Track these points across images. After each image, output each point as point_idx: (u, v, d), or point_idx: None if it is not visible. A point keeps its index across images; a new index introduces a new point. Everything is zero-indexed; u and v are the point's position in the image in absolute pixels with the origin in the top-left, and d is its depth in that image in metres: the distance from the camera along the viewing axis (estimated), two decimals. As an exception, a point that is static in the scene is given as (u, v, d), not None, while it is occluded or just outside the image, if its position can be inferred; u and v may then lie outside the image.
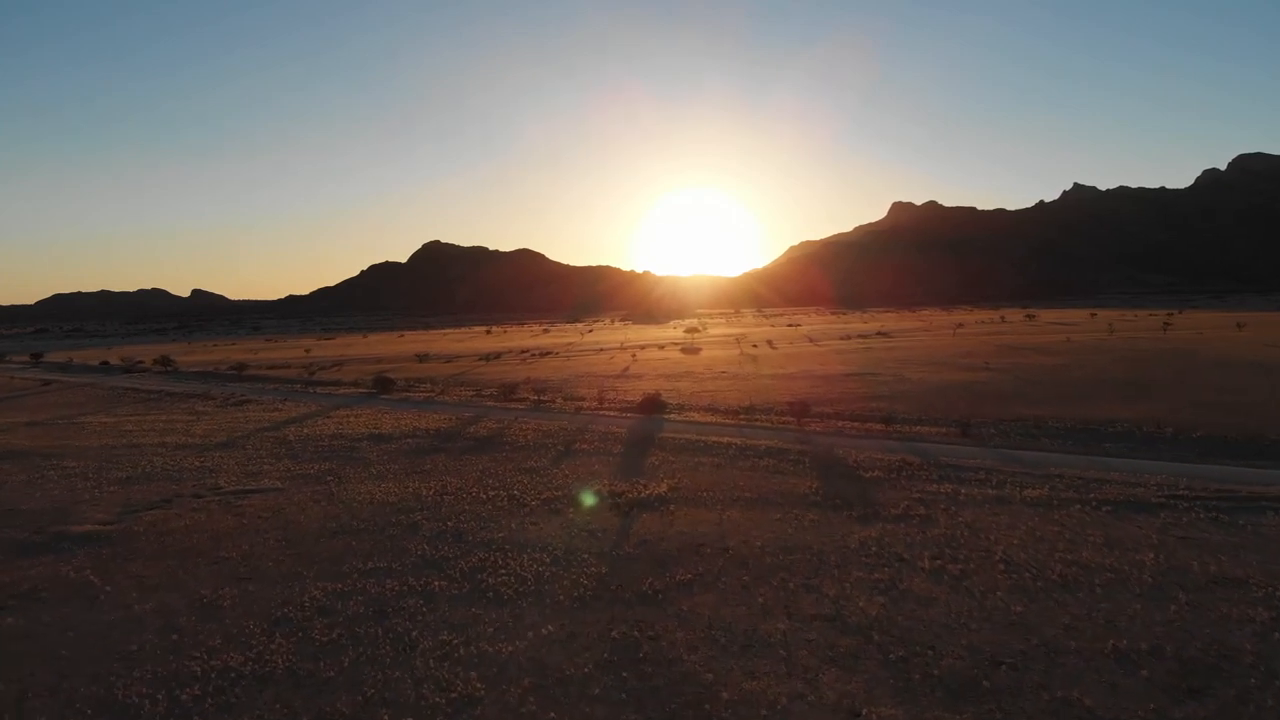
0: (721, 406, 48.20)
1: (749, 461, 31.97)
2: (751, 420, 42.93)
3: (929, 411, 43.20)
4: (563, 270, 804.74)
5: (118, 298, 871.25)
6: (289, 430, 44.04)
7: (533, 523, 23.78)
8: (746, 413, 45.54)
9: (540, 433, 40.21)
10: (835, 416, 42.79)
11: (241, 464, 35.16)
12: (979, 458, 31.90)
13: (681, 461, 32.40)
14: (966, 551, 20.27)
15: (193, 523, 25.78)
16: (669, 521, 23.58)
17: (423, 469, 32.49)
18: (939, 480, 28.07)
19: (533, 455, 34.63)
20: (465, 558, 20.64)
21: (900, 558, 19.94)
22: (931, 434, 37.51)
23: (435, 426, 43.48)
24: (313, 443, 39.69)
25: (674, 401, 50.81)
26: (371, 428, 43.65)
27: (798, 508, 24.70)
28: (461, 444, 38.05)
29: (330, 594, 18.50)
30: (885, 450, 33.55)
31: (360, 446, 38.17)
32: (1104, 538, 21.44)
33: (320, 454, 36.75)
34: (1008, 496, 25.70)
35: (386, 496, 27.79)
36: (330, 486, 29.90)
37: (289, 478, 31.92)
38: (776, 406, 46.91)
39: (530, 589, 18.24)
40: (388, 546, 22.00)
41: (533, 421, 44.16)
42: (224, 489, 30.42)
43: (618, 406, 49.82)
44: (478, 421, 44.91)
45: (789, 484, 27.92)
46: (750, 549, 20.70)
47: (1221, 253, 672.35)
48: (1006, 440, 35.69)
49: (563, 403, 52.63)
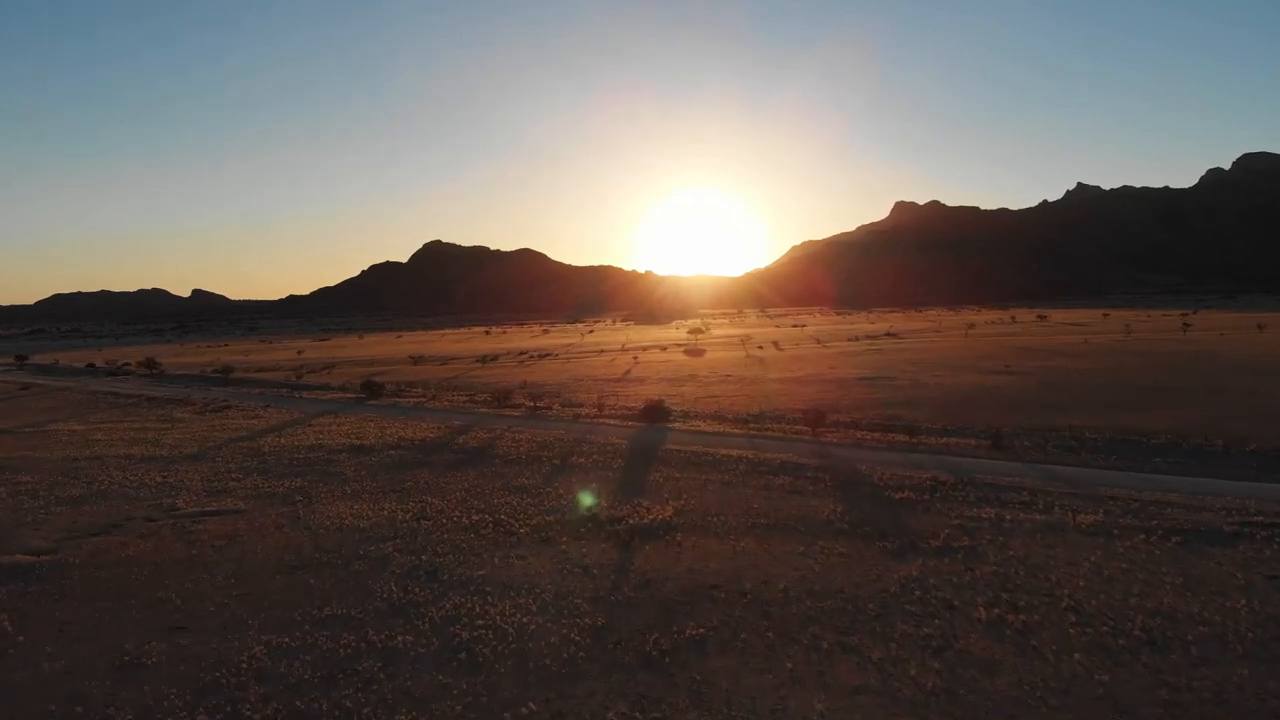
0: (729, 414, 45.16)
1: (762, 479, 28.93)
2: (762, 430, 39.88)
3: (953, 420, 40.16)
4: (564, 270, 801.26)
5: (118, 298, 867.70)
6: (265, 440, 41.05)
7: (519, 556, 20.75)
8: (756, 421, 42.50)
9: (534, 444, 37.19)
10: (853, 426, 39.73)
11: (207, 479, 32.18)
12: (1017, 475, 28.84)
13: (688, 479, 29.36)
14: (1027, 597, 17.24)
15: (138, 552, 22.81)
16: (676, 554, 20.55)
17: (402, 486, 29.47)
18: (978, 503, 25.02)
19: (524, 471, 31.61)
20: (438, 603, 17.63)
21: (950, 604, 16.91)
22: (960, 446, 34.45)
23: (421, 436, 40.46)
24: (287, 455, 36.70)
25: (678, 408, 47.80)
26: (353, 438, 40.65)
27: (822, 537, 21.65)
28: (448, 457, 35.03)
29: (275, 651, 15.51)
30: (912, 466, 30.50)
31: (338, 459, 35.17)
32: (1182, 578, 18.40)
33: (294, 468, 33.76)
34: (1059, 523, 22.64)
35: (358, 521, 24.78)
36: (298, 508, 26.90)
37: (255, 496, 28.93)
38: (788, 414, 43.86)
39: (511, 648, 15.22)
40: (351, 586, 19.01)
41: (527, 431, 41.14)
42: (181, 510, 27.45)
43: (618, 414, 46.80)
44: (467, 431, 41.89)
45: (809, 507, 24.87)
46: (772, 593, 17.67)
47: (1225, 253, 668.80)
48: (1044, 454, 32.62)
49: (560, 409, 49.61)
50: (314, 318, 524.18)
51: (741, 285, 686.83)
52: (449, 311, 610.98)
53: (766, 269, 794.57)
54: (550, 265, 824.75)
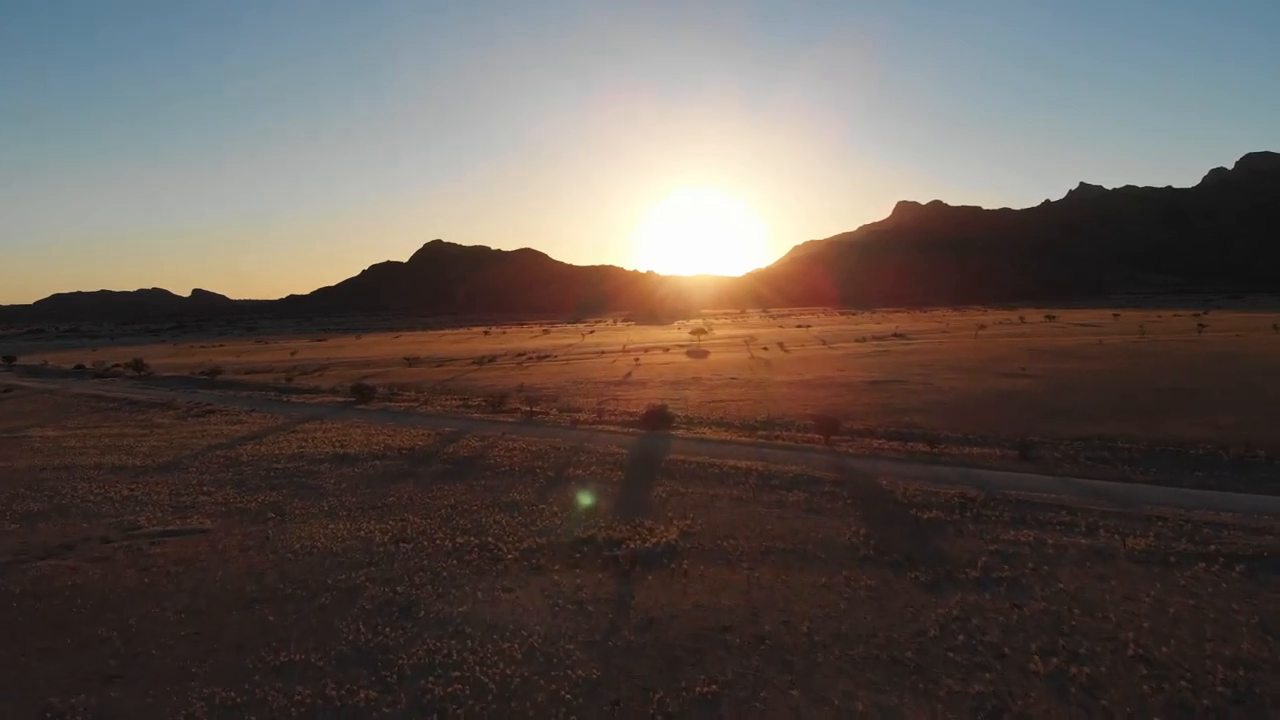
0: (735, 420, 42.87)
1: (775, 494, 26.66)
2: (771, 438, 37.59)
3: (973, 427, 37.87)
4: (565, 270, 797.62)
5: (118, 298, 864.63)
6: (244, 449, 38.82)
7: (506, 589, 18.50)
8: (765, 428, 40.21)
9: (528, 454, 34.92)
10: (868, 434, 37.45)
11: (176, 493, 29.96)
12: (1052, 491, 26.56)
13: (694, 494, 27.10)
14: (1087, 642, 14.99)
15: (87, 579, 20.61)
16: (682, 587, 18.30)
17: (383, 502, 27.23)
18: (1015, 524, 22.74)
19: (517, 484, 29.35)
20: (410, 648, 15.39)
21: (1000, 652, 14.66)
22: (985, 457, 32.15)
23: (409, 445, 38.21)
24: (266, 465, 34.46)
25: (681, 414, 45.51)
26: (337, 446, 38.41)
27: (847, 566, 19.39)
28: (436, 468, 32.78)
29: (218, 709, 13.31)
30: (936, 480, 28.22)
31: (319, 471, 32.92)
32: (1257, 616, 16.17)
33: (270, 480, 31.53)
34: (1108, 549, 20.37)
35: (332, 543, 22.54)
36: (268, 527, 24.67)
37: (224, 513, 26.69)
38: (798, 421, 41.57)
39: (490, 709, 12.98)
40: (314, 625, 16.78)
41: (521, 439, 38.88)
42: (142, 529, 25.23)
43: (619, 420, 44.52)
44: (459, 439, 39.64)
45: (829, 528, 22.60)
46: (794, 636, 15.41)
47: (1227, 253, 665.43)
48: (1076, 466, 30.33)
49: (557, 415, 47.33)
50: (313, 318, 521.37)
51: (743, 285, 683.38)
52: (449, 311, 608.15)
53: (768, 269, 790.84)
54: (551, 265, 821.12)
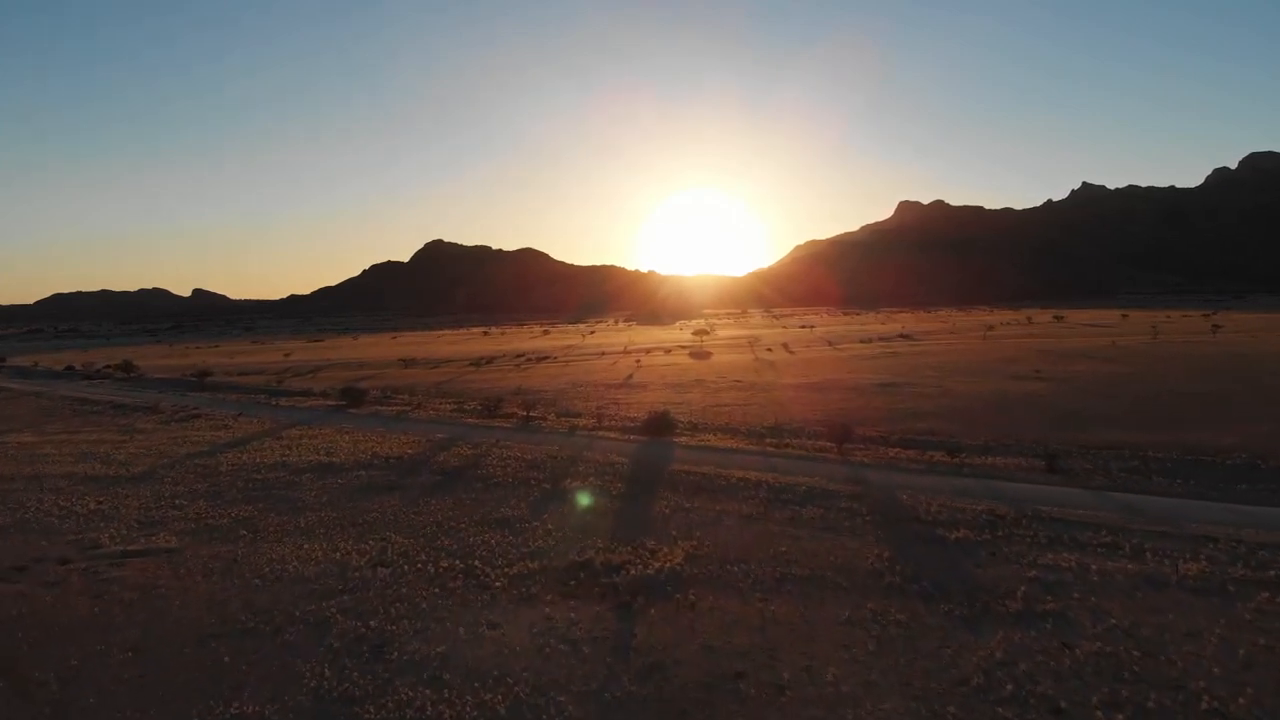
0: (742, 426, 40.93)
1: (788, 510, 24.70)
2: (781, 446, 35.63)
3: (993, 434, 35.90)
4: (567, 270, 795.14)
5: (118, 297, 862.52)
6: (225, 457, 36.90)
7: (492, 624, 16.56)
8: (773, 435, 38.26)
9: (523, 463, 32.98)
10: (882, 441, 35.48)
11: (146, 506, 28.04)
12: (1086, 506, 24.59)
13: (699, 510, 25.15)
14: (1154, 694, 13.03)
15: (35, 608, 18.72)
16: (689, 623, 16.35)
17: (365, 518, 25.29)
18: (1052, 545, 20.78)
19: (509, 497, 27.42)
20: (379, 698, 13.46)
21: (1055, 705, 12.72)
22: (1009, 467, 30.17)
23: (398, 453, 36.28)
24: (245, 475, 32.54)
25: (684, 419, 43.58)
26: (322, 454, 36.48)
27: (872, 596, 17.44)
28: (424, 478, 30.84)
29: (148, 778, 11.37)
30: (960, 493, 26.26)
31: (300, 482, 30.99)
32: (1343, 659, 14.20)
33: (248, 492, 29.61)
34: (1159, 576, 18.41)
35: (304, 567, 20.62)
36: (238, 547, 22.75)
37: (193, 530, 24.77)
38: (808, 427, 39.63)
39: (465, 784, 11.03)
40: (274, 667, 14.85)
41: (516, 446, 36.96)
42: (103, 549, 23.32)
43: (619, 426, 42.58)
44: (450, 446, 37.70)
45: (849, 550, 20.64)
46: (818, 687, 13.46)
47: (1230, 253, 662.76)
48: (1108, 477, 28.35)
49: (555, 420, 45.40)
50: (313, 318, 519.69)
51: (744, 285, 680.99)
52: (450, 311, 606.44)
53: (769, 269, 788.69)
54: (553, 265, 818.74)
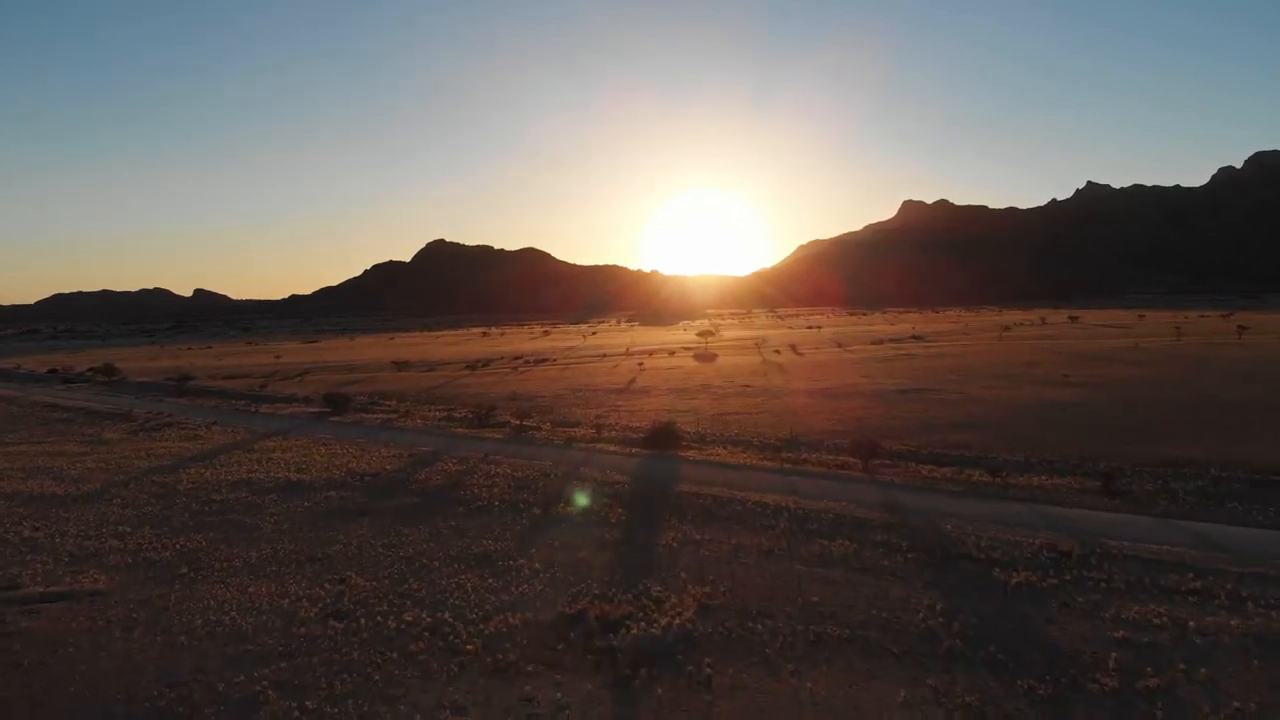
0: (754, 438, 37.50)
1: (814, 544, 21.30)
2: (798, 462, 32.18)
3: (1034, 449, 32.44)
4: (569, 270, 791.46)
5: (119, 297, 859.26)
6: (188, 473, 33.54)
7: (456, 705, 13.17)
8: (789, 448, 34.83)
9: (513, 482, 29.60)
10: (911, 457, 32.04)
11: (84, 535, 24.69)
12: (1159, 539, 21.15)
13: (712, 543, 21.75)
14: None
15: (-93, 672, 15.35)
16: (706, 711, 12.93)
17: (326, 551, 21.93)
18: (1133, 593, 17.36)
19: (494, 525, 24.04)
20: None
21: None
22: (1060, 489, 26.73)
23: (375, 469, 32.90)
24: (204, 495, 29.20)
25: (691, 428, 40.20)
26: (293, 470, 33.11)
27: (931, 668, 14.03)
28: (400, 501, 27.47)
29: None
30: (1010, 522, 22.84)
31: (262, 504, 27.63)
32: None
33: (202, 516, 26.26)
34: (1271, 635, 15.05)
35: (243, 618, 17.25)
36: (174, 590, 19.39)
37: (129, 567, 21.42)
38: (826, 439, 36.21)
39: None
40: (171, 773, 11.48)
41: (507, 461, 33.59)
42: (20, 590, 19.99)
43: (620, 437, 39.18)
44: (434, 461, 34.30)
45: (894, 600, 17.24)
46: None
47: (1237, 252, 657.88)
48: (1174, 503, 24.89)
49: (551, 430, 42.01)
50: (314, 318, 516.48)
51: (747, 285, 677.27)
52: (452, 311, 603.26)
53: (773, 268, 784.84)
54: (555, 265, 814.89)
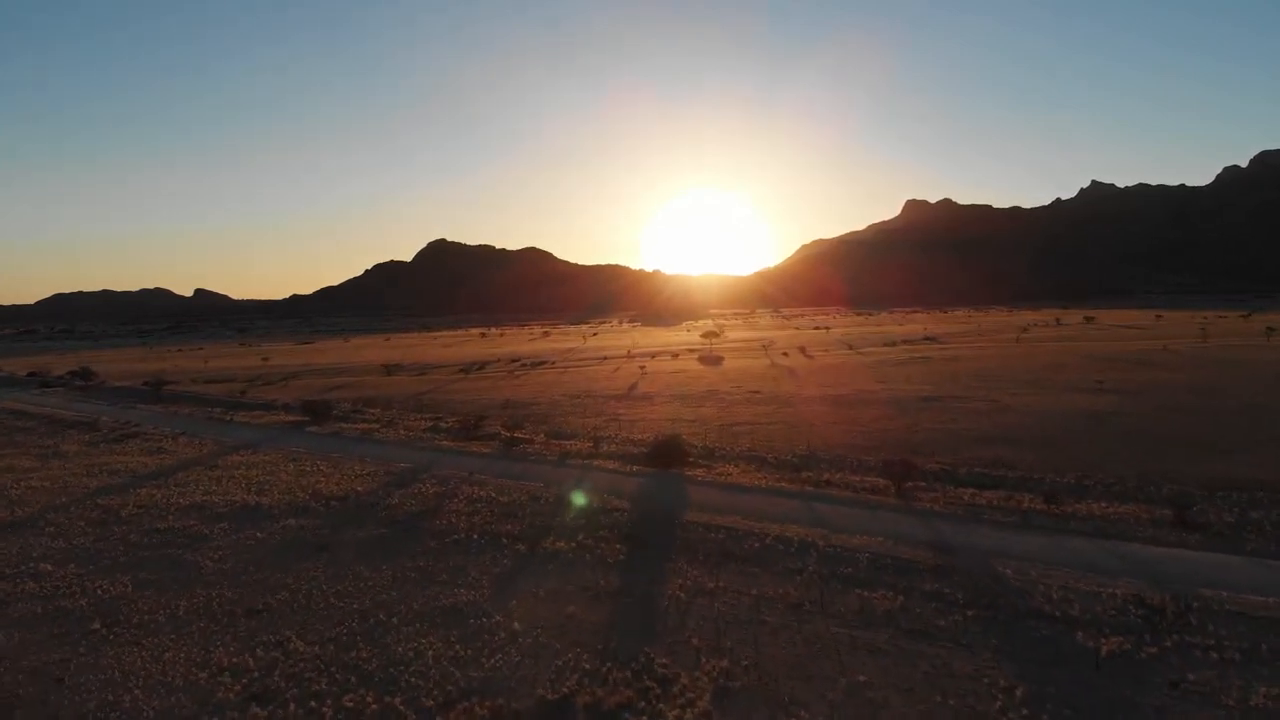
0: (768, 453, 33.91)
1: (852, 596, 17.75)
2: (820, 483, 28.59)
3: (1085, 467, 28.83)
4: (572, 270, 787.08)
5: (119, 297, 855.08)
6: (137, 494, 30.03)
7: None
8: (808, 466, 31.23)
9: (497, 509, 26.07)
10: (948, 477, 28.44)
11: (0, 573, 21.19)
12: (1263, 587, 17.62)
13: (728, 593, 18.20)
14: None
15: None
16: None
17: (269, 600, 18.42)
18: (1252, 665, 13.84)
19: (470, 566, 20.52)
20: None
21: None
22: (1124, 518, 23.13)
23: (345, 489, 29.37)
24: (148, 522, 25.71)
25: (698, 441, 36.68)
26: (254, 492, 29.60)
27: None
28: (365, 532, 23.94)
29: None
30: (1080, 563, 19.29)
31: (211, 535, 24.13)
32: None
33: (138, 551, 22.78)
34: None
35: (148, 699, 13.80)
36: (78, 653, 15.93)
37: (35, 619, 17.94)
38: (849, 454, 32.63)
39: None
40: None
41: (492, 482, 30.06)
42: (-110, 651, 16.47)
43: (620, 452, 35.63)
44: (411, 481, 30.76)
45: (961, 680, 13.68)
46: None
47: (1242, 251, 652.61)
48: (1263, 537, 21.30)
49: (544, 444, 38.47)
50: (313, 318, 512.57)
51: (750, 285, 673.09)
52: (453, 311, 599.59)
53: (775, 268, 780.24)
54: (557, 265, 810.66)
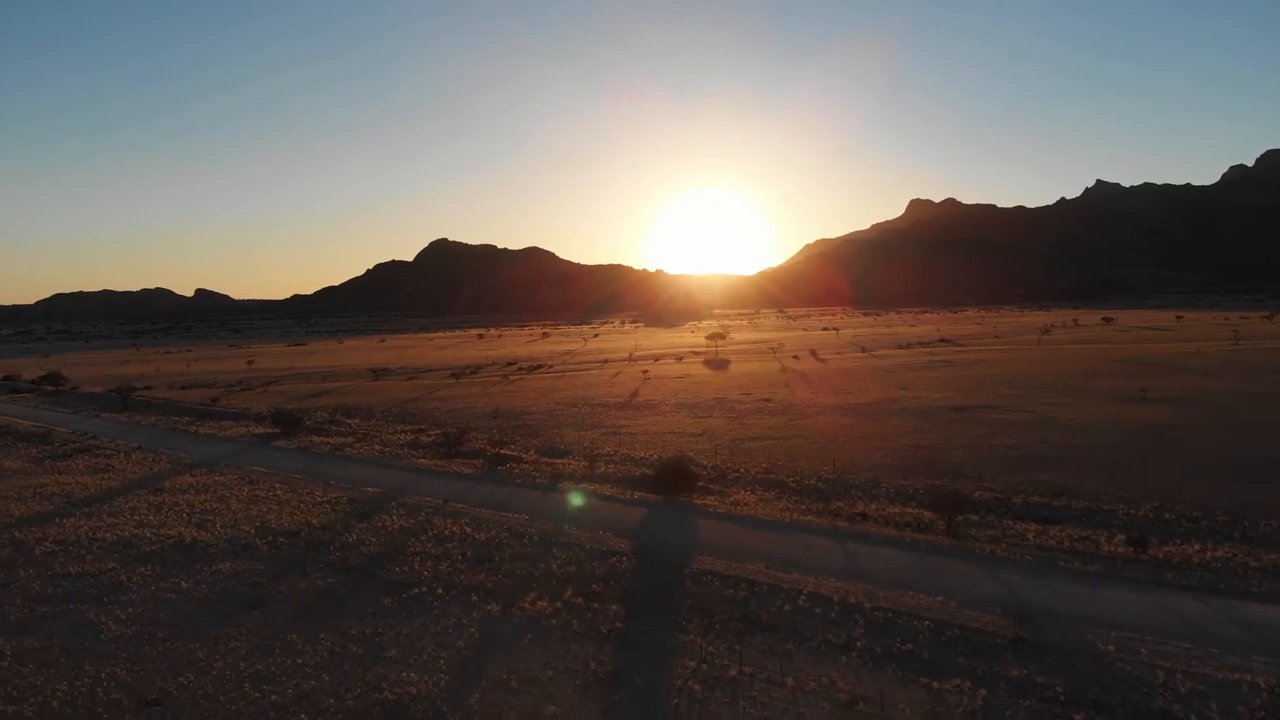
0: (788, 476, 29.71)
1: (916, 687, 13.60)
2: (853, 516, 24.39)
3: (1160, 496, 24.62)
4: (574, 269, 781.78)
5: (120, 297, 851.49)
6: (61, 525, 25.93)
7: None
8: (837, 493, 27.05)
9: (471, 549, 21.93)
10: (1003, 508, 24.24)
11: None
12: None
13: (756, 682, 14.07)
14: None
15: None
16: None
17: (168, 687, 14.34)
18: None
19: (428, 636, 16.40)
20: None
21: None
22: (1229, 565, 18.95)
23: (299, 521, 25.24)
24: (61, 564, 21.65)
25: (708, 460, 32.56)
26: (194, 524, 25.50)
27: None
28: (312, 580, 19.81)
29: None
30: (1201, 635, 15.17)
31: (128, 584, 20.04)
32: None
33: (38, 605, 18.71)
34: None
35: None
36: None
37: None
38: (882, 477, 28.45)
39: None
40: None
41: (470, 513, 25.93)
42: None
43: (619, 473, 31.48)
44: (377, 512, 26.58)
45: None
46: None
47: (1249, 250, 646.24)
48: None
49: (534, 462, 34.32)
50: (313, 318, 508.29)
51: (753, 285, 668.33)
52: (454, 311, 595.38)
53: (779, 268, 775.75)
54: (559, 264, 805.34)
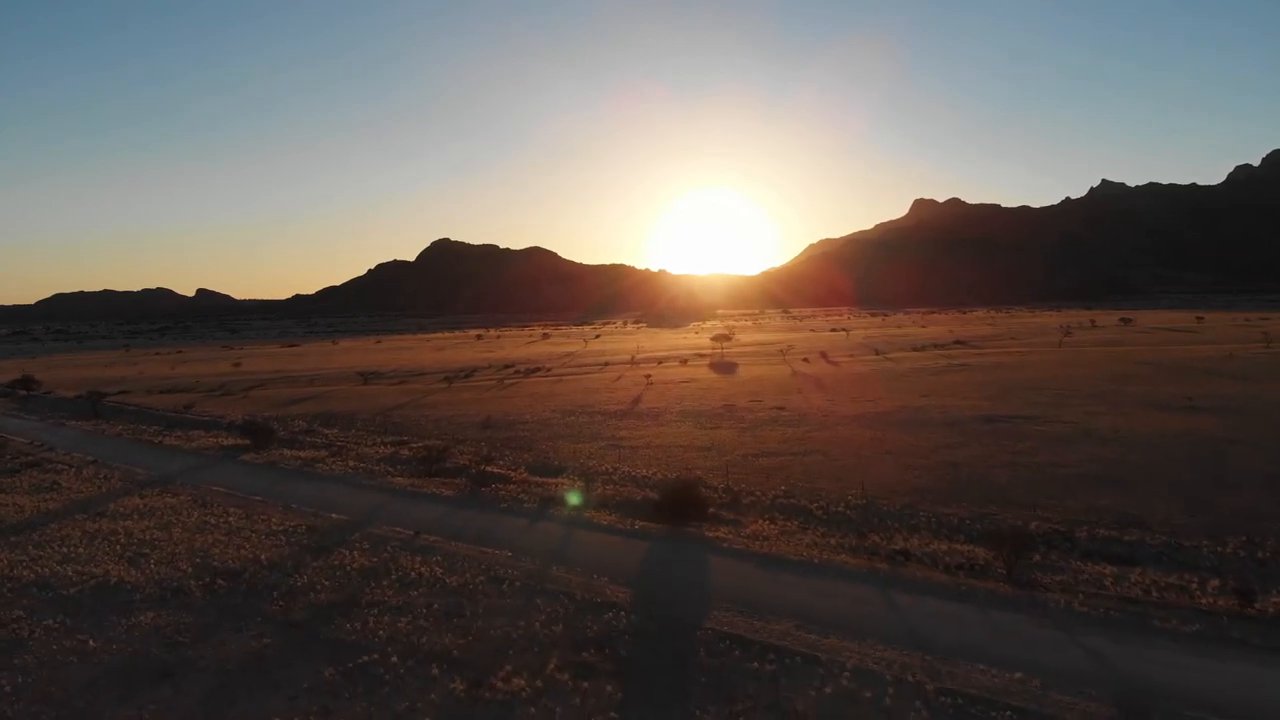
0: (812, 501, 26.18)
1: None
2: (894, 554, 20.86)
3: (1247, 527, 21.11)
4: (576, 269, 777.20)
5: (120, 297, 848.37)
6: (-29, 559, 22.47)
7: None
8: (871, 523, 23.51)
9: (440, 597, 18.46)
10: (1067, 543, 20.63)
11: None
12: None
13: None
14: None
15: None
16: None
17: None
18: None
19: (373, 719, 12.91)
20: None
21: None
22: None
23: (246, 557, 21.78)
24: (-51, 615, 18.16)
25: (718, 479, 29.08)
26: (128, 558, 22.06)
27: None
28: (244, 641, 16.35)
29: None
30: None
31: (28, 641, 16.63)
32: None
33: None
34: None
35: None
36: None
37: None
38: (920, 503, 24.93)
39: None
40: None
41: (443, 548, 22.46)
42: None
43: (619, 497, 27.98)
44: (340, 543, 23.11)
45: None
46: None
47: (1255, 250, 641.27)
48: None
49: (523, 482, 30.83)
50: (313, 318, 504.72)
51: (757, 285, 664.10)
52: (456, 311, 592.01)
53: (782, 268, 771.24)
54: (561, 264, 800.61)
